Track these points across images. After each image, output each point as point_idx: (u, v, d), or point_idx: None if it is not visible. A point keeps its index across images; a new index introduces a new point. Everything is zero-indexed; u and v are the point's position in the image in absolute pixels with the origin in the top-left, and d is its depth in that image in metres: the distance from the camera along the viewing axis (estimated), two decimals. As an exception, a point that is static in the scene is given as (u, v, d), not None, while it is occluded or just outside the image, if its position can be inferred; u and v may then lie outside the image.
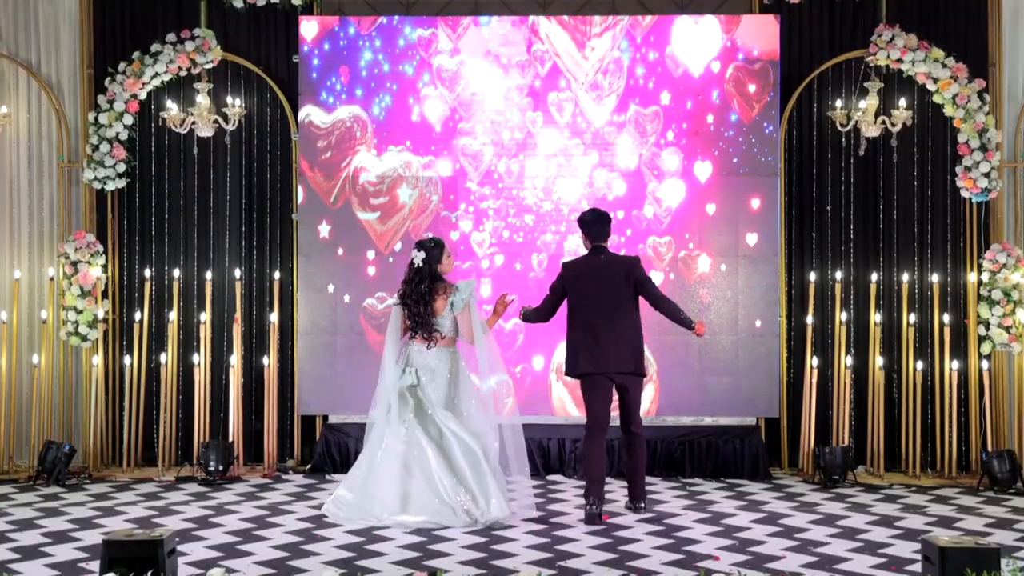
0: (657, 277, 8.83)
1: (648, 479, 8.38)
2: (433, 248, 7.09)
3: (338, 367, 8.87)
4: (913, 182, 8.92)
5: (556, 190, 8.98)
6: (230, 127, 8.64)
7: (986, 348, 8.53)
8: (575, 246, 8.84)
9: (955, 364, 8.52)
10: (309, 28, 8.92)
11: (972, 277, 8.73)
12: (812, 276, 8.88)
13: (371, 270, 8.94)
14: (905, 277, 8.82)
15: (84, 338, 8.68)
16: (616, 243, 8.65)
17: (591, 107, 8.94)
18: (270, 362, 8.85)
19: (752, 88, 8.80)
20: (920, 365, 8.60)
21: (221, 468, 8.32)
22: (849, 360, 8.64)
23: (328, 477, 8.54)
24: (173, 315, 8.89)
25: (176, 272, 8.97)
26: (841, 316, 8.75)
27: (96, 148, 8.78)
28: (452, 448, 6.88)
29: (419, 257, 7.04)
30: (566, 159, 8.97)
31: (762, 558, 5.95)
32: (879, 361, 8.64)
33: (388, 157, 8.97)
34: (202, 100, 8.54)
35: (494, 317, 7.30)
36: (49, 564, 5.81)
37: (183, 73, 8.88)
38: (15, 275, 8.79)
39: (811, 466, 8.48)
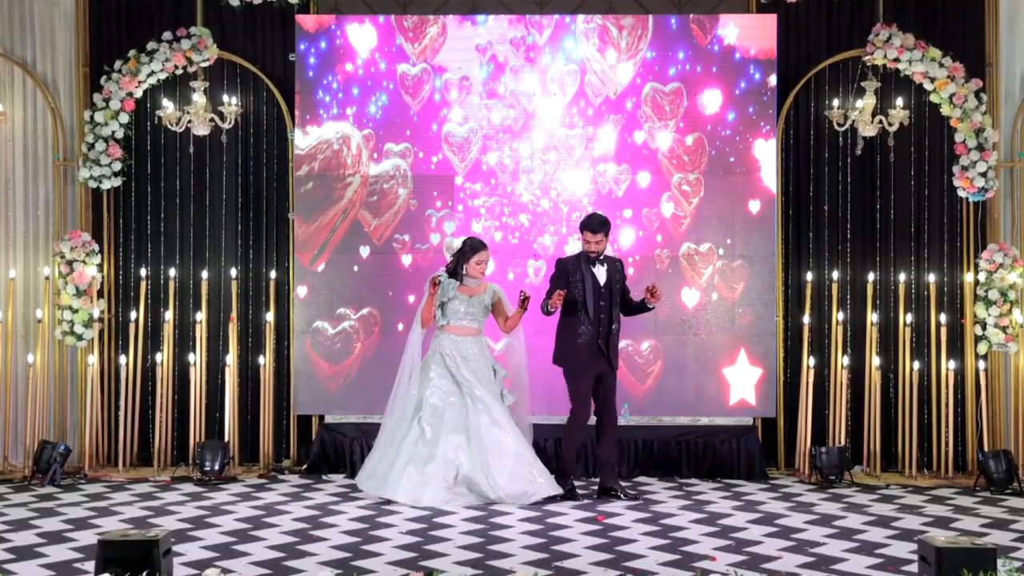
0: (691, 296, 8.73)
1: (644, 479, 8.52)
2: (463, 247, 7.79)
3: (334, 367, 8.84)
4: (910, 182, 8.92)
5: (555, 186, 8.81)
6: (226, 126, 8.63)
7: (983, 348, 8.53)
8: (577, 251, 8.68)
9: (952, 364, 8.51)
10: (306, 26, 8.89)
11: (969, 277, 8.73)
12: (809, 276, 8.87)
13: (299, 294, 8.86)
14: (902, 277, 8.82)
15: (80, 337, 8.66)
16: (626, 249, 8.65)
17: (602, 70, 8.63)
18: (266, 362, 8.83)
19: (749, 87, 8.78)
20: (917, 365, 8.60)
21: (217, 468, 8.31)
22: (846, 360, 8.63)
23: (324, 477, 8.53)
24: (169, 314, 8.88)
25: (172, 271, 8.96)
26: (838, 316, 8.75)
27: (92, 147, 8.76)
28: None
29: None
30: (567, 151, 8.76)
31: (759, 558, 5.95)
32: (876, 361, 8.64)
33: (324, 130, 8.77)
34: (198, 99, 8.52)
35: (516, 315, 7.72)
36: (44, 564, 5.79)
37: (179, 72, 8.85)
38: (10, 274, 8.77)
39: (808, 466, 8.47)
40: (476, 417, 7.52)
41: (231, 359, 8.75)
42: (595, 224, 7.75)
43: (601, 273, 7.75)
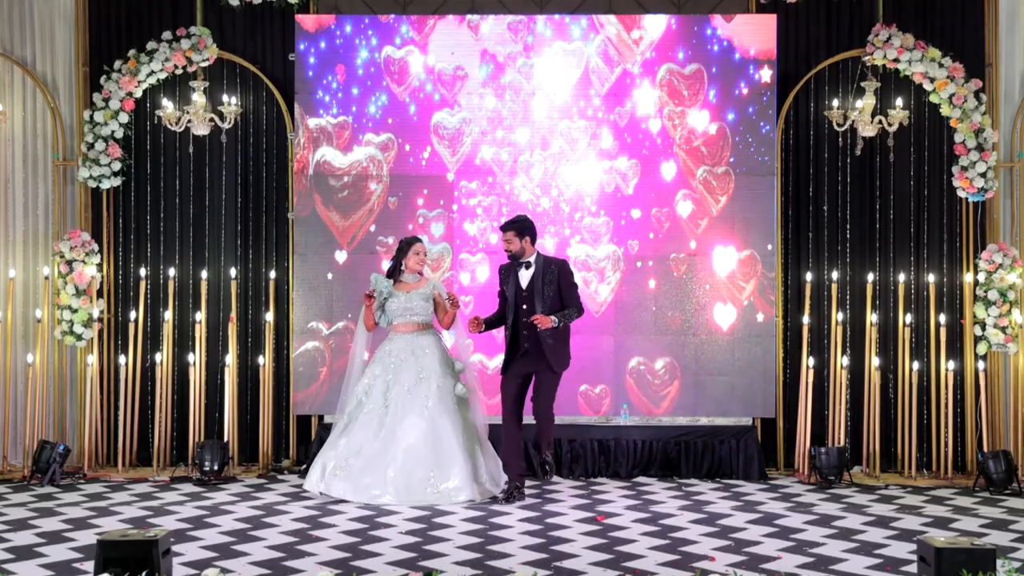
0: (728, 314, 8.62)
1: (644, 479, 8.50)
2: (400, 244, 7.82)
3: (333, 366, 8.84)
4: (909, 182, 8.92)
5: (556, 183, 8.71)
6: (226, 125, 8.63)
7: (982, 348, 8.53)
8: (584, 255, 8.64)
9: (951, 364, 8.52)
10: (305, 26, 8.88)
11: (968, 277, 8.73)
12: (808, 276, 8.87)
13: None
14: (901, 277, 8.82)
15: (79, 337, 8.66)
16: (636, 253, 8.60)
17: (618, 35, 8.47)
18: (265, 362, 8.83)
19: (749, 88, 8.77)
20: (916, 365, 8.60)
21: (216, 468, 8.30)
22: (845, 360, 8.64)
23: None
24: (168, 314, 8.88)
25: (171, 271, 8.96)
26: (837, 316, 8.75)
27: (91, 146, 8.76)
28: None
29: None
30: (569, 144, 8.69)
31: (758, 559, 5.95)
32: (875, 361, 8.64)
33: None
34: (198, 98, 8.52)
35: (451, 312, 7.70)
36: (43, 564, 5.79)
37: (179, 71, 8.86)
38: (10, 274, 8.77)
39: (807, 466, 8.47)
40: (402, 416, 7.52)
41: (230, 359, 8.75)
42: (503, 224, 7.73)
43: (524, 276, 7.66)
